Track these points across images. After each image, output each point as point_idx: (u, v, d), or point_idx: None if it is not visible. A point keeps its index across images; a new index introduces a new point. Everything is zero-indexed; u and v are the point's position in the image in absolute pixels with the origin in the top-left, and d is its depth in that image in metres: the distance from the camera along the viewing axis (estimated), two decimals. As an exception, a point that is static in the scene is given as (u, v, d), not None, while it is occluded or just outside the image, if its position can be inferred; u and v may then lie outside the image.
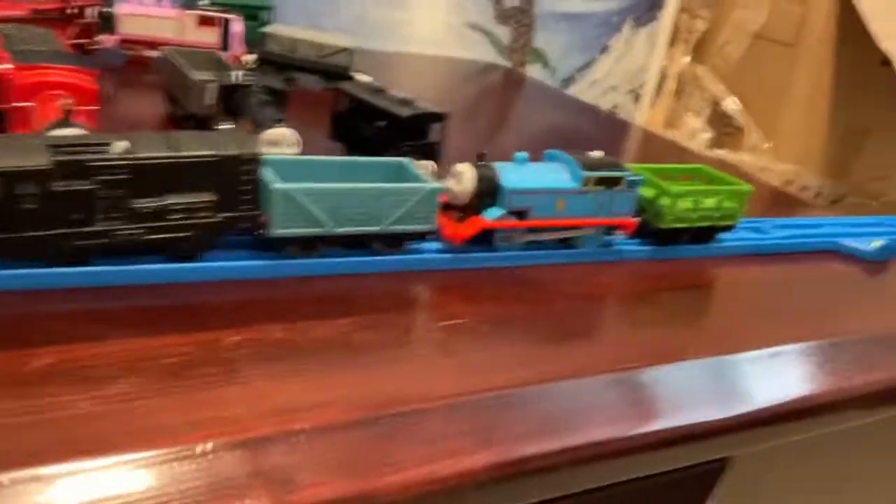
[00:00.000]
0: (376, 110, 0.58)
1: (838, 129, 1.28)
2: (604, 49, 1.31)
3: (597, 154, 0.51)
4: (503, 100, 1.07)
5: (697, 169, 0.59)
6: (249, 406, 0.32)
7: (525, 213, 0.48)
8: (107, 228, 0.37)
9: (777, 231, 0.61)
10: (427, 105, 0.59)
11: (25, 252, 0.36)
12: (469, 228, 0.46)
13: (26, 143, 0.35)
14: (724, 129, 1.32)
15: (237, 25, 0.78)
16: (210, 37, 0.77)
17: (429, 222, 0.45)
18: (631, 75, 1.35)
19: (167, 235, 0.38)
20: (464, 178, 0.46)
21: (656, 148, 0.98)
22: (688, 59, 1.35)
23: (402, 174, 0.47)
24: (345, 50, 0.81)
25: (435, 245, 0.47)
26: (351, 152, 0.61)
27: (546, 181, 0.48)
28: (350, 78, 0.81)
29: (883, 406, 0.47)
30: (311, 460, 0.31)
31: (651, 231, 0.53)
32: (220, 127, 0.53)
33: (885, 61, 1.14)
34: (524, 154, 0.49)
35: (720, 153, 1.28)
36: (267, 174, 0.41)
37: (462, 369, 0.37)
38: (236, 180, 0.39)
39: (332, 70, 0.81)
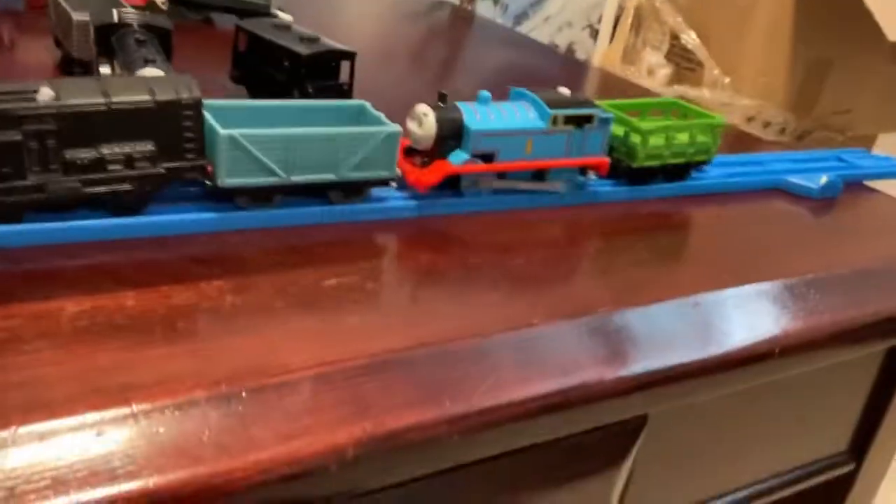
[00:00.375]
0: (277, 49, 0.53)
1: (801, 61, 1.23)
2: (558, -18, 1.25)
3: (564, 91, 0.48)
4: (450, 39, 1.01)
5: (671, 102, 0.56)
6: (81, 384, 0.28)
7: (492, 157, 0.45)
8: (40, 182, 0.34)
9: (718, 170, 0.57)
10: (333, 42, 0.54)
11: None
12: (434, 174, 0.44)
13: None
14: (684, 63, 1.27)
15: (144, -39, 0.72)
16: (113, -26, 0.70)
17: (389, 168, 0.42)
18: (586, 10, 1.30)
19: (106, 188, 0.36)
20: (426, 120, 0.43)
21: (612, 87, 0.94)
22: (646, -9, 1.29)
23: (363, 118, 0.44)
24: (262, -15, 0.75)
25: (399, 193, 0.44)
26: (253, 94, 0.56)
27: (513, 122, 0.45)
28: (269, 16, 0.76)
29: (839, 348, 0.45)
30: (147, 445, 0.27)
31: (623, 170, 0.51)
32: (101, 70, 0.48)
33: (849, -11, 1.09)
34: (487, 94, 0.46)
35: (680, 89, 1.23)
36: (211, 120, 0.37)
37: (351, 332, 0.33)
38: (177, 127, 0.37)
39: (250, 9, 0.75)
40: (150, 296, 0.33)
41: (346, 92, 0.55)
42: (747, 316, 0.42)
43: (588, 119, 0.47)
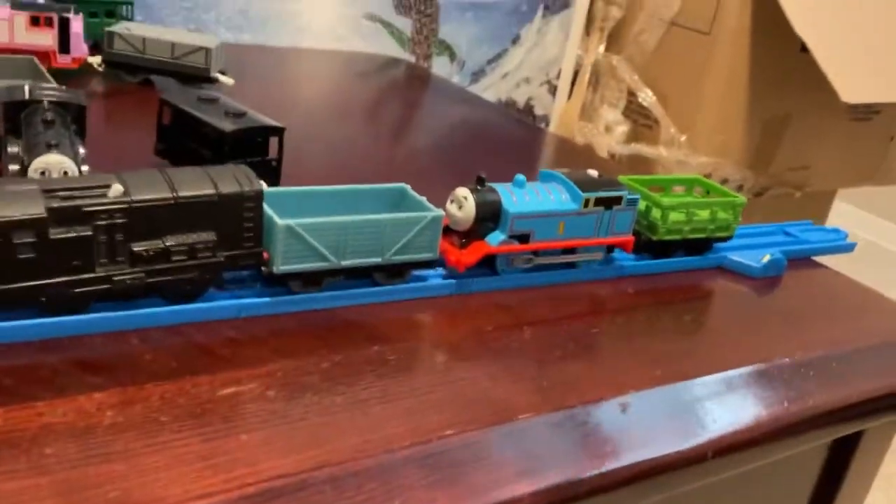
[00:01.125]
0: (201, 124, 0.51)
1: (757, 118, 1.24)
2: (515, 39, 1.25)
3: (593, 173, 0.50)
4: (405, 98, 1.00)
5: (693, 179, 0.59)
6: None
7: (527, 237, 0.47)
8: (107, 274, 0.36)
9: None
10: (261, 118, 0.52)
11: (23, 302, 0.34)
12: (473, 255, 0.46)
13: (21, 189, 0.34)
14: (642, 121, 1.27)
15: (77, 25, 0.70)
16: (43, 39, 0.68)
17: (432, 251, 0.44)
18: (545, 66, 1.30)
19: (169, 278, 0.37)
20: (466, 203, 0.45)
21: (566, 151, 0.93)
22: (602, 48, 1.29)
23: (404, 201, 0.46)
24: (201, 49, 0.73)
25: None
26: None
27: (547, 204, 0.47)
28: (209, 79, 0.74)
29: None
30: None
31: (644, 244, 0.53)
32: (9, 150, 0.46)
33: (804, 47, 1.10)
34: (523, 177, 0.48)
35: (637, 147, 1.23)
36: (269, 210, 0.39)
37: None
38: (238, 217, 0.38)
39: (188, 71, 0.73)
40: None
41: (274, 168, 0.53)
42: (677, 417, 0.39)
43: (617, 201, 0.49)
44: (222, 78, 0.75)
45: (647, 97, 1.23)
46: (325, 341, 0.39)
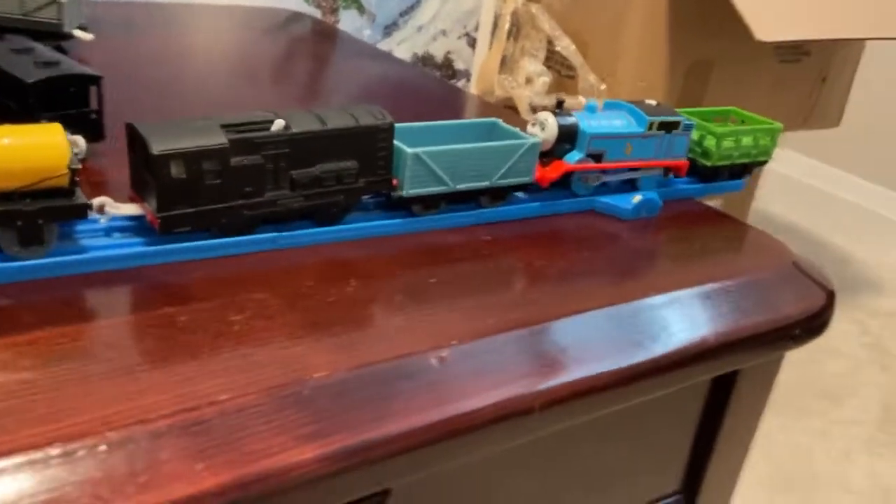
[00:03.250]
0: (5, 76, 0.46)
1: (680, 63, 1.20)
2: (428, -10, 1.20)
3: (651, 102, 0.54)
4: (307, 56, 0.95)
5: (729, 111, 0.63)
6: None
7: (600, 157, 0.52)
8: (273, 198, 0.41)
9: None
10: (76, 66, 0.48)
11: (206, 223, 0.39)
12: (555, 171, 0.51)
13: (201, 124, 0.39)
14: (564, 71, 1.23)
15: None
16: None
17: (529, 174, 0.49)
18: (462, 18, 1.25)
19: (320, 202, 0.43)
20: (548, 125, 0.50)
21: (481, 110, 0.89)
22: (521, -4, 1.25)
23: (496, 131, 0.51)
24: (52, 3, 0.68)
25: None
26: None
27: (618, 127, 0.52)
28: (64, 36, 0.69)
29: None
30: None
31: (697, 169, 0.58)
32: None
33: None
34: (594, 103, 0.53)
35: (561, 96, 1.19)
36: (397, 141, 0.44)
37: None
38: (374, 147, 0.43)
39: (40, 28, 0.68)
40: None
41: (94, 121, 0.48)
42: (504, 368, 0.36)
43: (675, 125, 0.54)
44: (79, 34, 0.70)
45: (566, 46, 1.19)
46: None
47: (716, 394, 0.51)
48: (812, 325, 0.48)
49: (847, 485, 1.22)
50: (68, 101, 0.47)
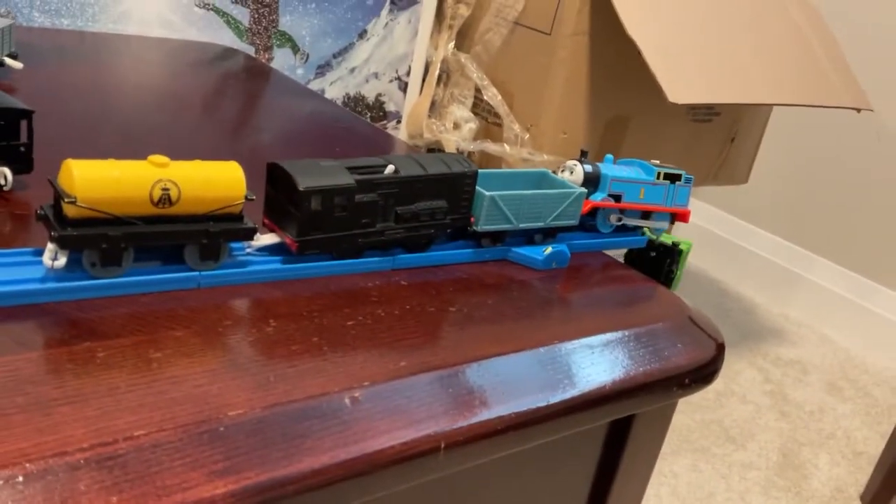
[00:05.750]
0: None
1: (600, 117, 1.27)
2: (361, 33, 1.23)
3: (655, 162, 0.64)
4: (238, 91, 0.96)
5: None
6: None
7: (619, 198, 0.61)
8: (381, 229, 0.49)
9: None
10: (6, 100, 0.49)
11: (330, 248, 0.47)
12: (584, 207, 0.59)
13: (330, 166, 0.47)
14: (491, 118, 1.28)
15: None
16: None
17: (574, 218, 0.58)
18: (394, 62, 1.29)
19: (415, 234, 0.50)
20: (576, 170, 0.60)
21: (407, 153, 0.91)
22: (452, 45, 1.30)
23: (546, 181, 0.59)
24: (-20, 30, 0.68)
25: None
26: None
27: (632, 174, 0.62)
28: (-8, 64, 0.69)
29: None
30: None
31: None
32: None
33: (639, 50, 1.13)
34: (611, 156, 0.63)
35: (483, 144, 1.24)
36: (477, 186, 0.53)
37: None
38: (461, 190, 0.52)
39: (-34, 54, 0.68)
40: None
41: (23, 154, 0.49)
42: (410, 410, 0.39)
43: (678, 177, 0.64)
44: (9, 62, 0.70)
45: (492, 95, 1.24)
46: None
47: (614, 436, 0.54)
48: (701, 374, 0.52)
49: (745, 526, 1.27)
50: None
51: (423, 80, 1.32)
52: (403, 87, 1.31)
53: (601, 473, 0.55)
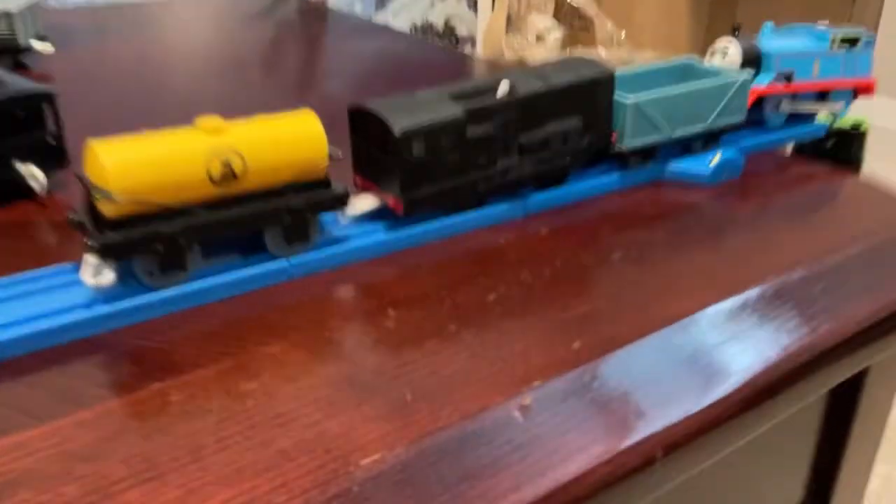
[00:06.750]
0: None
1: (703, 2, 1.10)
2: (419, -47, 1.10)
3: (823, 22, 0.50)
4: (305, 39, 0.86)
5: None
6: None
7: (789, 78, 0.48)
8: (505, 167, 0.38)
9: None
10: (22, 85, 0.39)
11: (444, 202, 0.37)
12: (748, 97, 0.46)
13: (430, 97, 0.37)
14: (577, 23, 1.13)
15: None
16: None
17: (740, 113, 0.45)
18: (459, -21, 1.15)
19: (547, 166, 0.40)
20: (730, 51, 0.47)
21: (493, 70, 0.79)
22: (521, -53, 1.15)
23: (692, 72, 0.47)
24: (3, 14, 0.59)
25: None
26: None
27: (802, 45, 0.49)
28: (21, 49, 0.61)
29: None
30: None
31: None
32: None
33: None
34: (771, 23, 0.49)
35: (574, 52, 1.09)
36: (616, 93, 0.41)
37: None
38: (596, 102, 0.41)
39: (-6, 44, 0.59)
40: None
41: (52, 147, 0.40)
42: (600, 410, 0.28)
43: (857, 40, 0.50)
44: (38, 45, 0.62)
45: (576, -5, 1.09)
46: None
47: (840, 394, 0.42)
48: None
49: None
50: (18, 126, 0.39)
51: (495, -6, 1.18)
52: (473, 5, 1.17)
53: (825, 446, 0.43)
